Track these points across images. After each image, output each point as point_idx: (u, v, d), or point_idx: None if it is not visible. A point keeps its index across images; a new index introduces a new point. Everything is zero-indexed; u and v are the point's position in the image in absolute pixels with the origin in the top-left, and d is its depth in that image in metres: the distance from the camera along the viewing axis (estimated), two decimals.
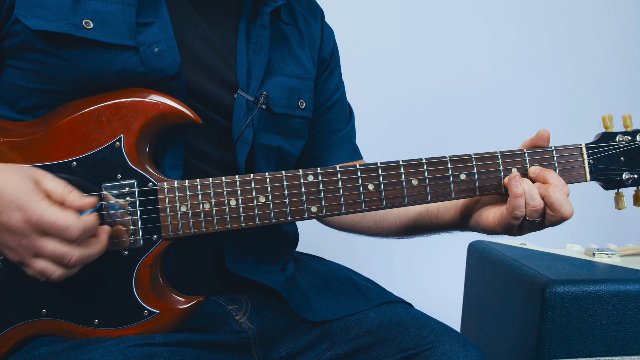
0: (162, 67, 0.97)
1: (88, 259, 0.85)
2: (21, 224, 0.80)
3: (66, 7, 0.94)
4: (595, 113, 2.89)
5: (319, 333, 1.07)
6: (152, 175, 0.94)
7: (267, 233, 1.15)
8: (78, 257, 0.83)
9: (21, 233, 0.81)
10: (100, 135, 0.94)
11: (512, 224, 0.98)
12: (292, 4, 1.22)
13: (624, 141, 1.00)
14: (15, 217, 0.80)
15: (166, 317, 0.94)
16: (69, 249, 0.82)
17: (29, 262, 0.83)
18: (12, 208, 0.80)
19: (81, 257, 0.83)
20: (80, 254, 0.83)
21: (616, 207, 1.03)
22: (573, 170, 1.00)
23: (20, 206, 0.81)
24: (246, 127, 1.05)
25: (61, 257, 0.82)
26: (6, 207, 0.81)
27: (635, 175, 1.00)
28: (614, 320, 1.37)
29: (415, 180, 0.97)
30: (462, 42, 2.83)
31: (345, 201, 0.97)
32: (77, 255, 0.83)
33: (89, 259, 0.85)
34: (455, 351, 1.01)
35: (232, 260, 1.06)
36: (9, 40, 0.96)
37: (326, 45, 1.28)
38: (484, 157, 0.99)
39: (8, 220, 0.80)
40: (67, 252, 0.82)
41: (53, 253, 0.81)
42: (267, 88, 1.09)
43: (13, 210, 0.80)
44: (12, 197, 0.81)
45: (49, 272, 0.83)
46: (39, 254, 0.82)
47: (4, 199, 0.81)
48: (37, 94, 0.97)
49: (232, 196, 0.95)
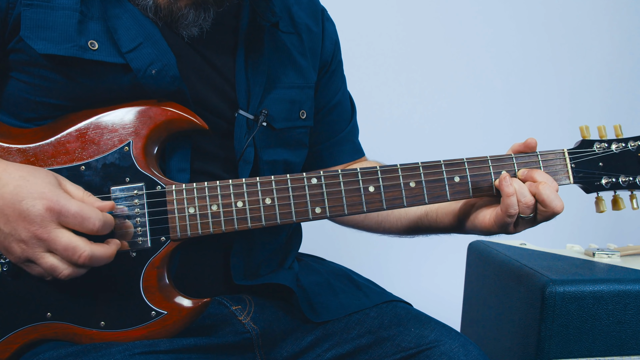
0: (163, 86, 0.98)
1: (98, 260, 0.86)
2: (42, 212, 0.82)
3: (72, 29, 0.95)
4: (594, 115, 2.91)
5: (321, 333, 1.08)
6: (159, 178, 0.96)
7: (272, 232, 1.16)
8: (89, 253, 0.83)
9: (39, 222, 0.81)
10: (109, 140, 0.96)
11: (507, 222, 1.01)
12: (291, 11, 1.21)
13: (601, 148, 1.08)
14: (37, 205, 0.82)
15: (174, 318, 0.94)
16: (82, 243, 0.83)
17: (38, 257, 0.83)
18: (36, 196, 0.82)
19: (92, 255, 0.84)
20: (92, 252, 0.84)
21: (597, 210, 1.11)
22: (557, 173, 1.07)
23: (44, 195, 0.83)
24: (247, 147, 1.07)
25: (73, 251, 0.82)
26: (29, 195, 0.82)
27: (613, 179, 1.08)
28: (614, 320, 1.38)
29: (412, 182, 1.02)
30: (461, 42, 2.84)
31: (347, 202, 1.00)
32: (89, 251, 0.83)
33: (98, 262, 0.86)
34: (456, 350, 1.02)
35: (241, 276, 1.08)
36: (15, 55, 0.97)
37: (327, 47, 1.27)
38: (475, 161, 1.05)
39: (29, 209, 0.82)
40: (81, 246, 0.83)
41: (66, 245, 0.82)
42: (267, 104, 1.10)
43: (36, 199, 0.82)
44: (37, 187, 0.83)
45: (59, 269, 0.84)
46: (51, 248, 0.83)
47: (29, 188, 0.83)
48: (44, 107, 0.98)
49: (239, 198, 0.97)
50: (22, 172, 0.85)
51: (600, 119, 1.13)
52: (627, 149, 1.07)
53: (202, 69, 1.05)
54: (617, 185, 1.08)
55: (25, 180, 0.84)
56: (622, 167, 1.07)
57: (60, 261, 0.84)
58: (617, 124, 1.09)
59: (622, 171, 1.07)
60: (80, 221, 0.83)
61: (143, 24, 0.99)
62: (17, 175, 0.84)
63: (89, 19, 0.96)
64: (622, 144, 1.08)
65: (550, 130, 2.64)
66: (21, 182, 0.83)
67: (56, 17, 0.94)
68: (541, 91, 2.94)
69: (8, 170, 0.85)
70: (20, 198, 0.82)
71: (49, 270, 0.84)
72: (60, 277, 0.84)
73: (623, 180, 1.07)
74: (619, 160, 1.07)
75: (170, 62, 0.98)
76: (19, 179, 0.84)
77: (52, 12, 0.94)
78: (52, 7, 0.94)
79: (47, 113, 0.98)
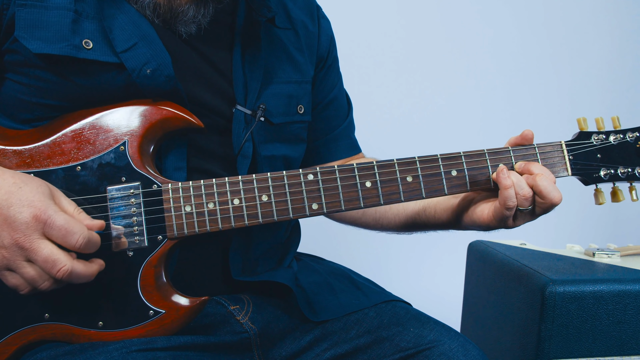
0: (158, 85, 0.98)
1: (76, 276, 0.84)
2: (29, 220, 0.81)
3: (66, 28, 0.95)
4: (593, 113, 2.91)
5: (319, 333, 1.08)
6: (155, 177, 0.96)
7: (270, 229, 1.15)
8: (69, 268, 0.82)
9: (23, 230, 0.81)
10: (104, 140, 0.96)
11: (506, 215, 1.01)
12: (287, 7, 1.22)
13: (599, 140, 1.08)
14: (25, 212, 0.81)
15: (171, 317, 0.94)
16: (64, 258, 0.82)
17: (18, 266, 0.82)
18: (25, 204, 0.82)
19: (72, 271, 0.82)
20: (72, 267, 0.82)
21: (596, 202, 1.10)
22: (555, 165, 1.06)
23: (34, 204, 0.82)
24: (245, 142, 1.07)
25: (53, 264, 0.81)
26: (18, 202, 0.82)
27: (612, 171, 1.07)
28: (614, 320, 1.38)
29: (409, 177, 1.02)
30: (458, 38, 2.84)
31: (344, 198, 1.00)
32: (69, 267, 0.82)
33: (77, 278, 0.84)
34: (455, 350, 1.01)
35: (239, 271, 1.08)
36: (10, 56, 0.97)
37: (323, 42, 1.28)
38: (472, 154, 1.04)
39: (15, 215, 0.81)
40: (61, 259, 0.81)
41: (47, 257, 0.81)
42: (264, 99, 1.11)
43: (25, 207, 0.82)
44: (28, 195, 0.83)
45: (38, 281, 0.82)
46: (31, 258, 0.82)
47: (20, 195, 0.83)
48: (39, 107, 0.98)
49: (236, 195, 0.97)
50: (17, 179, 0.85)
51: (598, 112, 1.12)
52: (625, 140, 1.07)
53: (198, 67, 1.06)
54: (616, 177, 1.07)
55: (17, 187, 0.83)
56: (621, 159, 1.07)
57: (40, 273, 0.83)
58: (615, 116, 1.09)
59: (621, 163, 1.07)
60: (64, 234, 0.82)
61: (139, 24, 0.99)
62: (11, 182, 0.84)
63: (83, 18, 0.96)
64: (620, 135, 1.07)
65: (548, 125, 2.64)
66: (13, 189, 0.83)
67: (50, 17, 0.94)
68: (539, 87, 2.94)
69: (3, 177, 0.85)
70: (9, 204, 0.82)
71: (29, 281, 0.83)
72: (40, 288, 0.83)
73: (622, 172, 1.07)
74: (618, 151, 1.07)
75: (165, 61, 0.98)
76: (12, 185, 0.84)
77: (46, 11, 0.94)
78: (45, 6, 0.94)
79: (43, 114, 0.98)
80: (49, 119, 0.99)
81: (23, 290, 0.85)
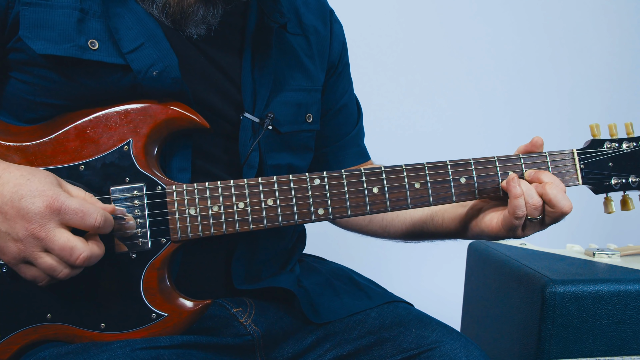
0: (165, 87, 0.97)
1: (94, 259, 0.85)
2: (42, 210, 0.81)
3: (71, 28, 0.93)
4: (594, 115, 2.91)
5: (322, 334, 1.08)
6: (160, 178, 0.95)
7: (276, 236, 1.15)
8: (88, 254, 0.83)
9: (38, 220, 0.81)
10: (108, 139, 0.95)
11: (515, 225, 1.00)
12: (299, 12, 1.19)
13: (611, 148, 1.05)
14: (37, 202, 0.81)
15: (174, 320, 0.94)
16: (80, 244, 0.83)
17: (36, 257, 0.82)
18: (36, 194, 0.82)
19: (90, 255, 0.83)
20: (90, 252, 0.83)
21: (605, 211, 1.08)
22: (566, 174, 1.05)
23: (45, 193, 0.82)
24: (252, 151, 1.05)
25: (70, 251, 0.82)
26: (29, 193, 0.82)
27: (623, 180, 1.05)
28: (614, 320, 1.38)
29: (417, 183, 1.00)
30: (463, 42, 2.84)
31: (351, 204, 0.98)
32: (88, 252, 0.83)
33: (96, 259, 0.85)
34: (457, 351, 1.01)
35: (242, 280, 1.07)
36: (14, 55, 0.95)
37: (335, 48, 1.25)
38: (482, 161, 1.03)
39: (28, 206, 0.81)
40: (79, 246, 0.82)
41: (64, 245, 0.81)
42: (273, 107, 1.09)
43: (36, 197, 0.82)
44: (37, 186, 0.83)
45: (57, 270, 0.83)
46: (47, 247, 0.82)
47: (30, 186, 0.83)
48: (44, 107, 0.97)
49: (241, 199, 0.96)
50: (23, 172, 0.85)
51: (604, 117, 1.12)
52: (638, 148, 1.05)
53: (206, 69, 1.04)
54: (627, 186, 1.05)
55: (25, 178, 0.84)
56: (632, 167, 1.05)
57: (58, 262, 0.83)
58: (629, 122, 1.06)
59: (633, 171, 1.05)
60: (82, 216, 0.83)
61: (146, 23, 0.97)
62: (18, 174, 0.84)
63: (90, 16, 0.94)
64: (633, 143, 1.05)
65: (555, 129, 2.65)
66: (22, 181, 0.83)
67: (55, 16, 0.93)
68: (545, 90, 2.94)
69: (9, 170, 0.85)
70: (20, 196, 0.82)
71: (47, 271, 0.83)
72: (58, 277, 0.84)
73: (633, 181, 1.05)
74: (630, 160, 1.05)
75: (172, 63, 0.96)
76: (20, 177, 0.84)
77: (51, 10, 0.93)
78: (51, 5, 0.93)
79: (47, 113, 0.97)
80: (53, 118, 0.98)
81: (42, 281, 0.85)
